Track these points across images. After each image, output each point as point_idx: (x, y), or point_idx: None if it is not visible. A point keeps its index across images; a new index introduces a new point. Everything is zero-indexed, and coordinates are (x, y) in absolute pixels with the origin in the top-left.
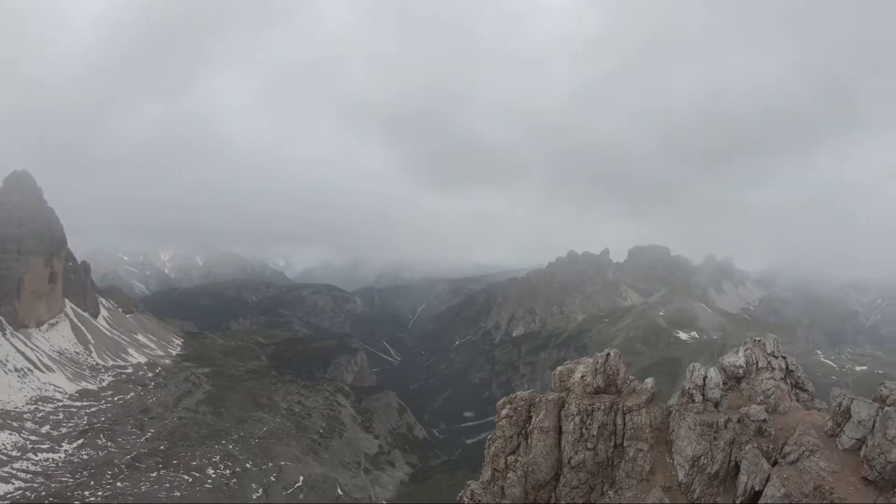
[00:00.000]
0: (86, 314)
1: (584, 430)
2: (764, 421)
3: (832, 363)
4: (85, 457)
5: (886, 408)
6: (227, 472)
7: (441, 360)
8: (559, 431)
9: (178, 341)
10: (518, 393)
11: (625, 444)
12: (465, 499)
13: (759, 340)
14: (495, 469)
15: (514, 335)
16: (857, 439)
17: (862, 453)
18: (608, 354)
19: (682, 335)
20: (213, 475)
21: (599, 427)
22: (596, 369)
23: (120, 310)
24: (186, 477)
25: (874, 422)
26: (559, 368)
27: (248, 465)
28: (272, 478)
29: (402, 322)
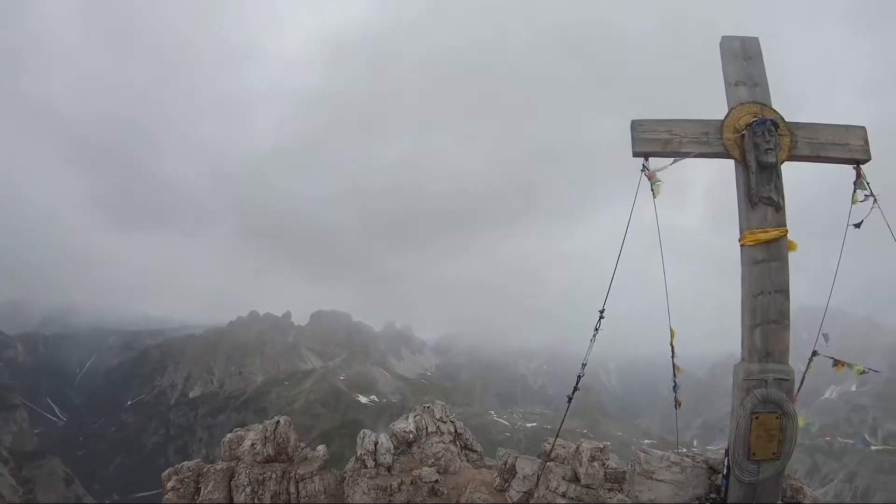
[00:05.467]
0: None
1: (255, 500)
2: (436, 482)
3: (505, 421)
4: None
5: (549, 462)
6: None
7: (112, 422)
8: (231, 503)
9: None
10: (185, 463)
11: None
12: None
13: (429, 407)
14: None
15: (190, 396)
16: (525, 492)
17: None
18: (278, 422)
19: (363, 399)
20: None
21: (272, 497)
22: (266, 437)
23: None
24: None
25: (538, 476)
26: (228, 436)
27: None
28: None
29: (69, 375)
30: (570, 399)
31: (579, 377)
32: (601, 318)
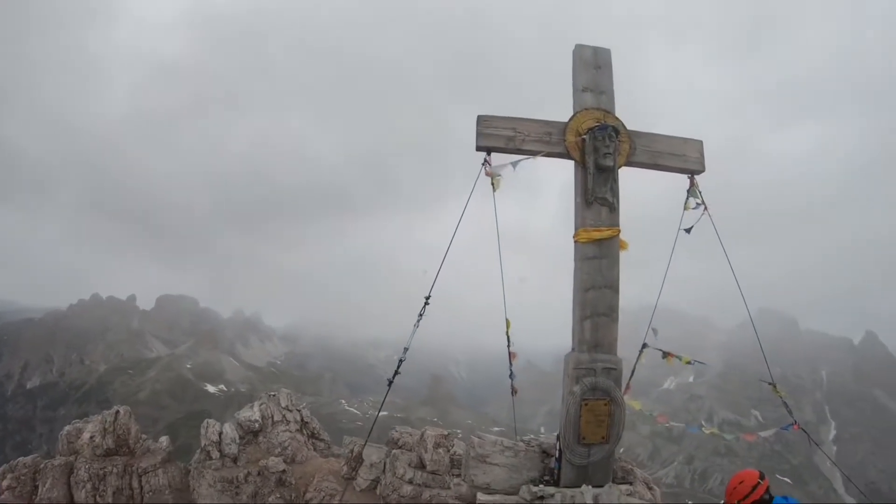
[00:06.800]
0: None
1: (97, 497)
2: (283, 472)
3: (356, 410)
4: None
5: (395, 450)
6: None
7: None
8: (71, 501)
9: None
10: (20, 459)
11: None
12: None
13: (274, 395)
14: None
15: (28, 387)
16: (372, 480)
17: (378, 492)
18: (117, 412)
19: (210, 388)
20: None
21: (115, 493)
22: (105, 429)
23: None
24: None
25: (385, 463)
26: (66, 428)
27: None
28: None
29: None
30: (390, 382)
31: (401, 361)
32: (426, 304)
